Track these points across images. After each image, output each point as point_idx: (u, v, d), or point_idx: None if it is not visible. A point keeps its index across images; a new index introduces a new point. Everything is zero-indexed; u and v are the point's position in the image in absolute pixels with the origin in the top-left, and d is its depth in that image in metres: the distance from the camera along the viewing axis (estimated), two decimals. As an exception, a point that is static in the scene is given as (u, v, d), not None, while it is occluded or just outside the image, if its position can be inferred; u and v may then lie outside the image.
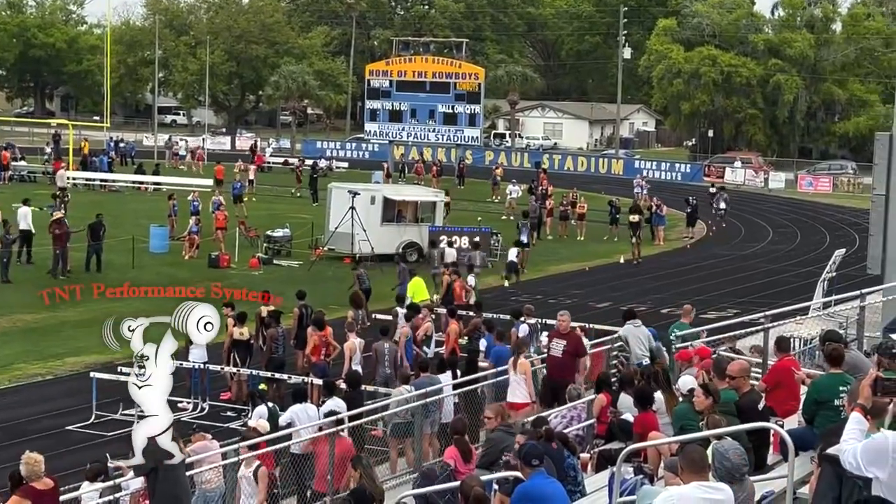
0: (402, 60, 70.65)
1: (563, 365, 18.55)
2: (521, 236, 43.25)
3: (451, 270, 31.06)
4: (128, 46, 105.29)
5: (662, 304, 34.81)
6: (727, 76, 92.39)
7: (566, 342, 18.68)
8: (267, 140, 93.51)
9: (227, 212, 43.66)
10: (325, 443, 15.40)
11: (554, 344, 18.81)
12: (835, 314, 21.65)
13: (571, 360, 18.65)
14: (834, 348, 12.22)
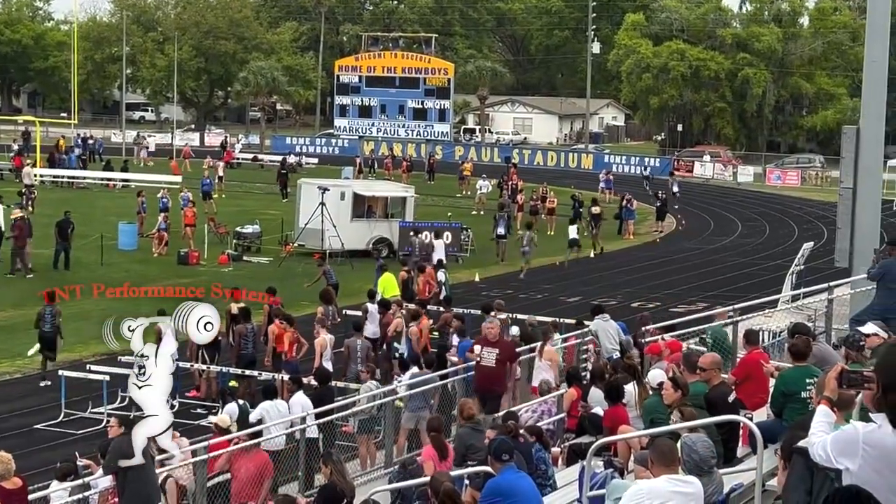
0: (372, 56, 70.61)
1: (495, 374, 17.56)
2: (499, 228, 43.28)
3: (414, 266, 31.00)
4: (95, 43, 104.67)
5: (632, 297, 34.93)
6: (696, 70, 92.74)
7: (498, 350, 17.67)
8: (236, 136, 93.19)
9: (196, 208, 43.49)
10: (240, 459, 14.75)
11: (485, 353, 17.66)
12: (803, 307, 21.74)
13: (503, 370, 17.64)
14: (793, 343, 12.30)
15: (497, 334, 17.98)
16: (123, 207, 49.73)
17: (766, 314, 20.01)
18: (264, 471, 14.79)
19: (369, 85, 69.74)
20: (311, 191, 40.90)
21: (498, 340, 17.84)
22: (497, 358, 17.53)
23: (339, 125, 72.36)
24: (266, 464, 14.96)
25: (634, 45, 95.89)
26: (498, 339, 17.86)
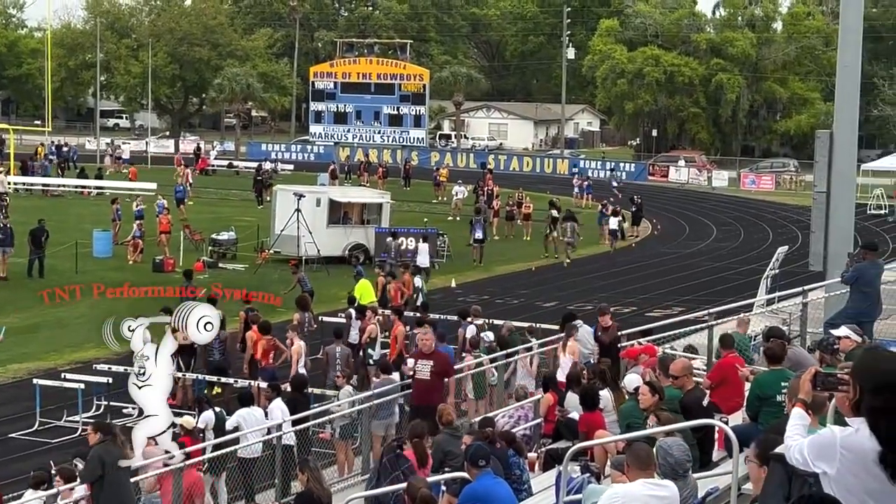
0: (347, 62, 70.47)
1: (431, 388, 16.98)
2: (476, 233, 43.33)
3: (387, 272, 30.97)
4: (69, 49, 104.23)
5: (608, 302, 34.85)
6: (670, 76, 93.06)
7: (433, 363, 17.09)
8: (211, 143, 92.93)
9: (171, 215, 43.34)
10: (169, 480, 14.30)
11: (420, 366, 17.14)
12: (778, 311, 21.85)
13: (439, 382, 17.12)
14: (768, 347, 12.36)
15: (431, 346, 17.36)
16: (98, 215, 49.49)
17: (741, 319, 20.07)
18: (194, 490, 14.50)
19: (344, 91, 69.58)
20: (286, 197, 40.83)
21: (432, 353, 17.25)
22: (432, 370, 16.98)
23: (315, 131, 72.11)
24: (196, 483, 14.65)
25: (609, 51, 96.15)
26: (432, 352, 17.26)
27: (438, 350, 17.80)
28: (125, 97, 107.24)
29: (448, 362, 17.70)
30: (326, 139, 72.55)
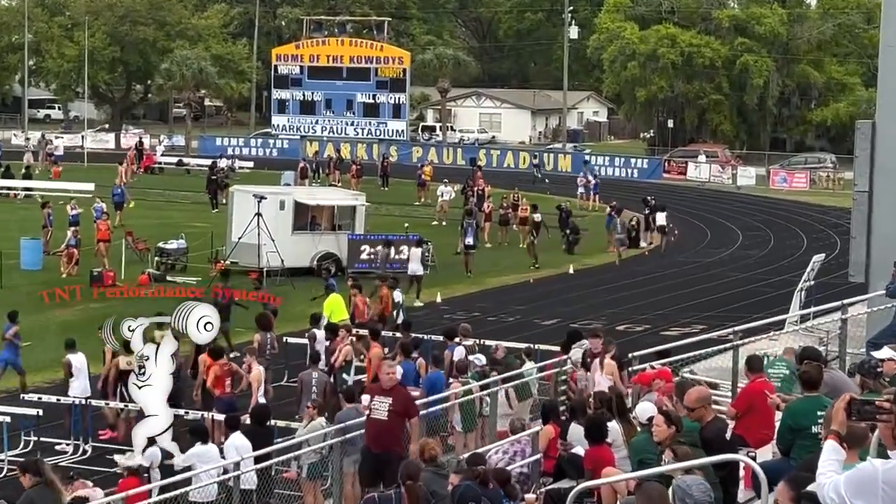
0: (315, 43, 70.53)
1: (389, 431, 16.30)
2: (467, 238, 43.42)
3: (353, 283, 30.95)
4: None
5: (617, 319, 35.01)
6: (688, 58, 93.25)
7: (391, 400, 16.27)
8: (158, 137, 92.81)
9: (110, 221, 43.25)
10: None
11: (376, 403, 16.36)
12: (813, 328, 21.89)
13: (399, 424, 16.35)
14: (805, 370, 12.32)
15: (394, 379, 16.75)
16: (26, 221, 49.29)
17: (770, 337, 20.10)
18: None
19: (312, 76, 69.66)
20: (245, 200, 40.77)
21: (393, 388, 16.50)
22: (391, 409, 16.22)
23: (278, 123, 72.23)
24: None
25: (618, 30, 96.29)
26: (393, 387, 16.53)
27: (400, 387, 17.10)
28: (57, 84, 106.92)
29: (410, 400, 16.84)
30: (291, 132, 72.67)
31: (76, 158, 77.06)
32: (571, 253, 48.24)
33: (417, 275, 38.13)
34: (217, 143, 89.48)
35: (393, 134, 70.16)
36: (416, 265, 38.16)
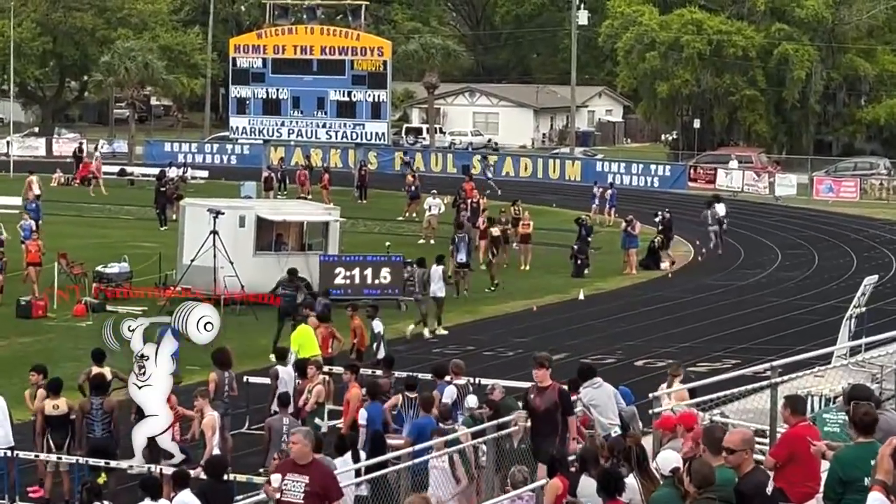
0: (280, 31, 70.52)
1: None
2: (460, 254, 43.48)
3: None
4: None
5: (636, 353, 34.98)
6: (717, 47, 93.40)
7: (308, 479, 15.02)
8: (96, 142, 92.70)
9: (41, 241, 43.17)
10: None
11: (289, 482, 15.15)
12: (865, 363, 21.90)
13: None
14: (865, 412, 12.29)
15: (307, 453, 15.25)
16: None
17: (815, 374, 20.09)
18: None
19: (277, 70, 69.57)
20: (198, 215, 40.71)
21: (310, 463, 15.21)
22: (307, 490, 15.01)
23: (237, 126, 72.08)
24: None
25: (634, 14, 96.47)
26: (311, 462, 15.23)
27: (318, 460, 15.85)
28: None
29: (331, 478, 15.60)
30: (253, 136, 72.50)
31: (1, 168, 76.96)
32: (581, 276, 48.23)
33: (438, 297, 38.57)
34: (166, 148, 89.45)
35: (372, 137, 70.04)
36: (437, 286, 38.48)
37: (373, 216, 61.87)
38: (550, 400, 18.76)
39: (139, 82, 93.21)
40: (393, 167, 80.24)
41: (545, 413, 18.67)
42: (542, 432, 18.53)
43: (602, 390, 19.36)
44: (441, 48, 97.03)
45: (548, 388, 18.87)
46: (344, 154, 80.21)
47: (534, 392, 19.02)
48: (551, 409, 18.69)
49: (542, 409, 18.71)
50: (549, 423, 18.54)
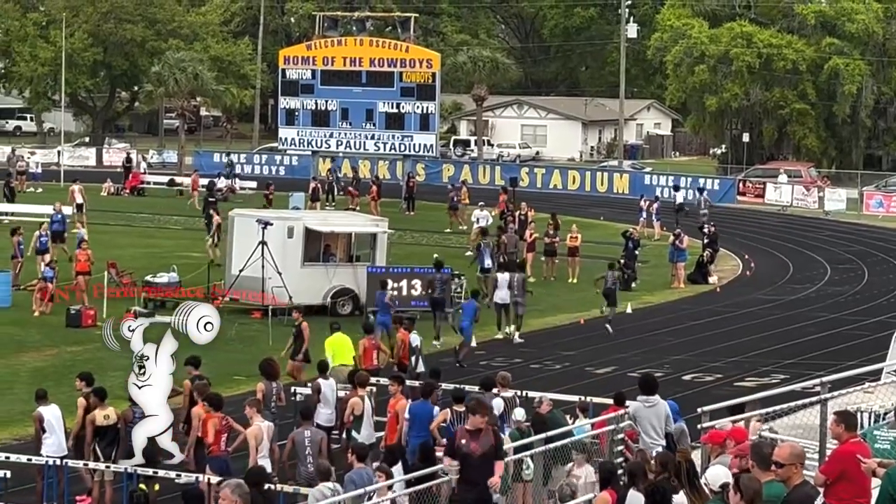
0: (329, 43, 70.74)
1: None
2: (485, 260, 43.46)
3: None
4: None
5: (684, 367, 34.87)
6: (767, 60, 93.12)
7: None
8: (146, 152, 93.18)
9: (90, 250, 43.36)
10: None
11: None
12: (916, 378, 21.74)
13: None
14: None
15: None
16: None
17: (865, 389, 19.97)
18: None
19: (326, 82, 69.83)
20: (247, 226, 40.81)
21: None
22: None
23: (286, 137, 72.38)
24: None
25: (684, 28, 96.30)
26: None
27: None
28: (31, 91, 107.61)
29: None
30: (301, 147, 72.82)
31: (52, 177, 77.40)
32: (628, 289, 48.11)
33: (506, 303, 38.87)
34: (215, 159, 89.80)
35: (420, 149, 70.19)
36: (504, 293, 38.76)
37: (420, 228, 61.89)
38: (487, 443, 17.45)
39: (189, 93, 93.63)
40: (441, 178, 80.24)
41: (482, 458, 17.32)
42: (475, 480, 17.19)
43: (652, 410, 19.22)
44: (489, 60, 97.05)
45: (482, 432, 17.51)
46: (392, 166, 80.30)
47: (465, 436, 17.47)
48: (489, 453, 17.36)
49: (479, 454, 17.31)
50: (485, 471, 17.26)
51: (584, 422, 21.78)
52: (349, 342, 29.32)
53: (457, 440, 17.51)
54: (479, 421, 17.58)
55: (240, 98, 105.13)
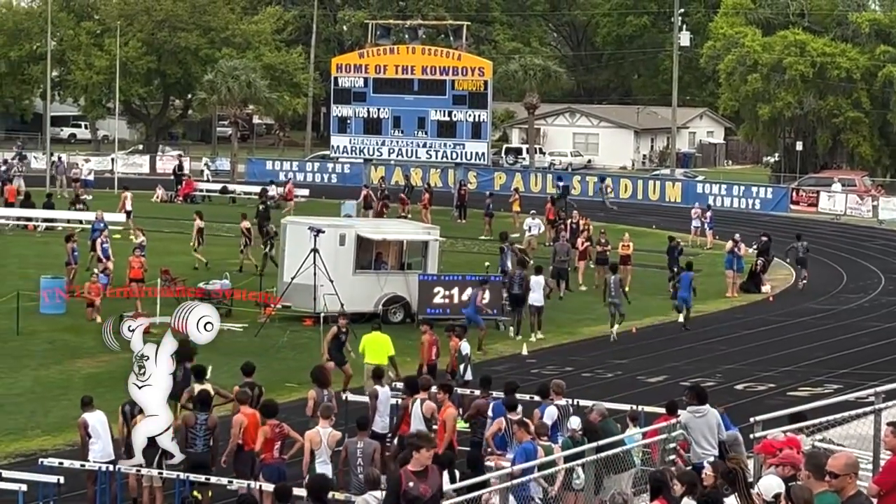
0: (381, 51, 70.87)
1: None
2: (506, 263, 43.52)
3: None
4: (10, 36, 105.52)
5: (736, 376, 34.73)
6: (820, 69, 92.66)
7: None
8: (199, 160, 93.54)
9: (144, 257, 43.55)
10: None
11: None
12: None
13: None
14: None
15: None
16: (46, 256, 49.79)
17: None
18: None
19: (378, 90, 69.94)
20: (299, 233, 40.91)
21: None
22: None
23: (338, 144, 72.51)
24: None
25: (737, 36, 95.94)
26: None
27: None
28: (85, 99, 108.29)
29: None
30: (353, 155, 72.93)
31: (105, 184, 77.81)
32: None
33: (538, 306, 39.14)
34: (267, 167, 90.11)
35: (472, 157, 70.16)
36: (537, 295, 39.10)
37: (472, 236, 61.83)
38: (436, 484, 16.43)
39: (242, 101, 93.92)
40: (492, 186, 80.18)
41: (432, 501, 16.27)
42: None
43: (703, 420, 19.12)
44: (542, 69, 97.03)
45: (428, 471, 16.32)
46: (444, 174, 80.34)
47: (412, 478, 16.18)
48: (437, 495, 16.38)
49: (430, 497, 16.25)
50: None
51: (634, 431, 21.73)
52: (386, 342, 29.43)
53: (403, 483, 16.03)
54: (426, 457, 16.24)
55: (292, 106, 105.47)
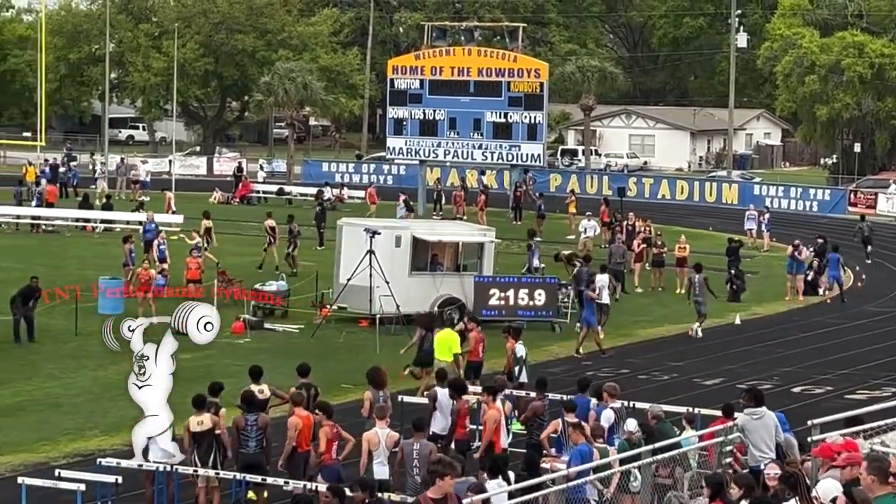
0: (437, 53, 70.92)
1: None
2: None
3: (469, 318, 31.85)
4: (69, 38, 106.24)
5: (793, 379, 34.54)
6: (879, 70, 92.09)
7: None
8: (256, 161, 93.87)
9: (201, 258, 43.69)
10: None
11: None
12: None
13: None
14: None
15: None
16: (105, 257, 50.02)
17: None
18: None
19: (434, 92, 69.97)
20: (355, 235, 40.96)
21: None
22: None
23: (394, 146, 72.59)
24: None
25: (794, 37, 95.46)
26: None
27: None
28: (143, 101, 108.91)
29: None
30: (409, 156, 73.00)
31: (162, 186, 78.20)
32: (737, 300, 47.75)
33: (604, 303, 39.53)
34: (324, 168, 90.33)
35: (527, 159, 70.07)
36: (603, 294, 39.34)
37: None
38: None
39: (298, 102, 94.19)
40: (549, 188, 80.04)
41: None
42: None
43: (760, 422, 19.01)
44: (598, 70, 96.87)
45: (448, 499, 15.75)
46: (499, 175, 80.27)
47: None
48: None
49: None
50: None
51: (691, 433, 21.64)
52: (454, 339, 29.44)
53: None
54: (448, 485, 15.55)
55: (348, 108, 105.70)
